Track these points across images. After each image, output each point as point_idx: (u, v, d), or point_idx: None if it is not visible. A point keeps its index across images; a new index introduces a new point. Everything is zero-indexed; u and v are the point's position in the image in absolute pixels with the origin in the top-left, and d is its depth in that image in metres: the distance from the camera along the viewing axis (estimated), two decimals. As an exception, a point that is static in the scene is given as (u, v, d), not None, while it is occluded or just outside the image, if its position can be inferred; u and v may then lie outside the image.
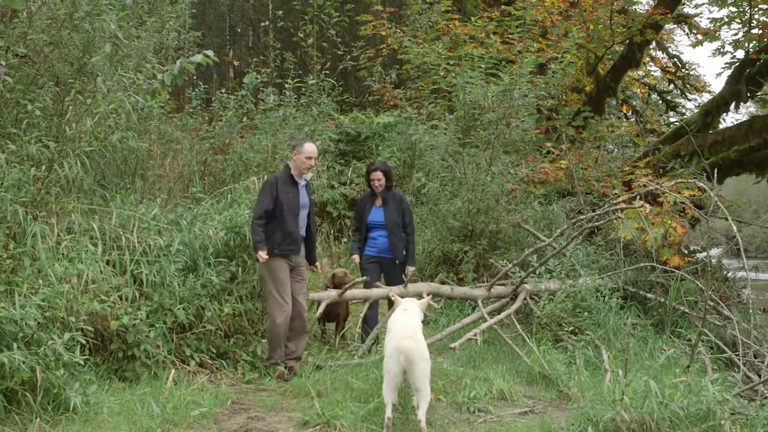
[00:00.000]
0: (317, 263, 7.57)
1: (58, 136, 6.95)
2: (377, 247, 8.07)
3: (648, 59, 18.24)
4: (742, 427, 5.40)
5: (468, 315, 8.37)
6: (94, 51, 7.47)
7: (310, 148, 7.15)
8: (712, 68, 68.09)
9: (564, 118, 13.54)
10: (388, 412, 5.29)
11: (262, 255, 6.78)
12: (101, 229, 6.74)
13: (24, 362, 5.02)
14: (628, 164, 12.72)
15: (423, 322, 8.71)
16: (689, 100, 20.72)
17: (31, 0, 7.27)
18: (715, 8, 13.36)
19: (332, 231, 11.72)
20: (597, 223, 8.71)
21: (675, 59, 20.33)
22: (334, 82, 12.52)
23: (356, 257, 8.18)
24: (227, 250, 7.58)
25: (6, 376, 5.02)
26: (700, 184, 8.21)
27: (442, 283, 8.97)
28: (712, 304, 8.69)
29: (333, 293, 7.66)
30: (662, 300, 9.07)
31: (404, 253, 8.07)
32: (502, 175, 10.01)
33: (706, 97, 19.00)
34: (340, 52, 13.59)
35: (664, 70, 19.93)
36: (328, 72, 12.44)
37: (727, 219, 7.43)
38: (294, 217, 7.01)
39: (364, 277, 7.87)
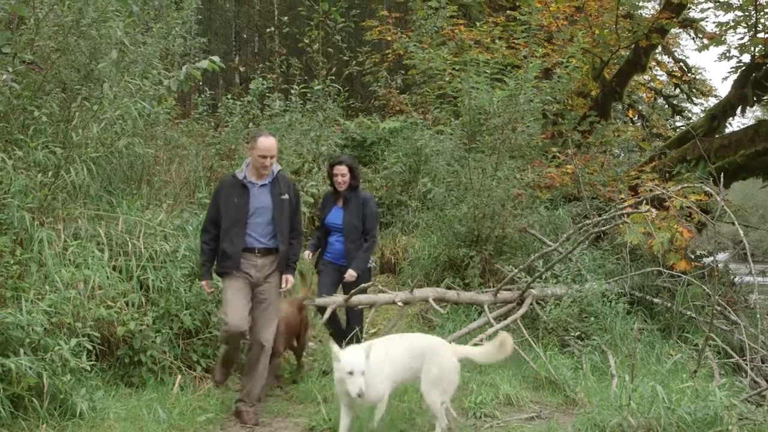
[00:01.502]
0: (283, 278, 6.14)
1: (65, 142, 6.97)
2: (333, 252, 7.31)
3: (654, 63, 18.21)
4: (749, 432, 5.38)
5: (474, 320, 8.36)
6: (101, 57, 7.50)
7: (265, 143, 5.96)
8: (718, 72, 68.08)
9: (570, 123, 13.52)
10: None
11: (204, 286, 6.12)
12: (108, 235, 6.76)
13: (31, 368, 5.03)
14: (634, 169, 12.70)
15: (430, 326, 8.79)
16: (695, 104, 20.68)
17: (38, 7, 7.29)
18: (721, 12, 13.35)
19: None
20: (603, 228, 8.70)
21: (681, 63, 20.29)
22: (340, 88, 12.53)
23: (308, 254, 7.36)
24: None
25: (13, 381, 5.03)
26: (707, 189, 8.19)
27: (448, 288, 8.98)
28: (719, 308, 8.67)
29: (339, 299, 7.08)
30: (669, 305, 9.05)
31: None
32: (508, 180, 10.00)
33: (712, 102, 18.96)
34: (345, 58, 13.60)
35: (670, 74, 19.89)
36: (333, 77, 12.44)
37: (733, 223, 7.41)
38: (237, 226, 5.89)
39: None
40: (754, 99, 13.29)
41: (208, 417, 5.78)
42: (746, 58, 13.10)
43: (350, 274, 7.13)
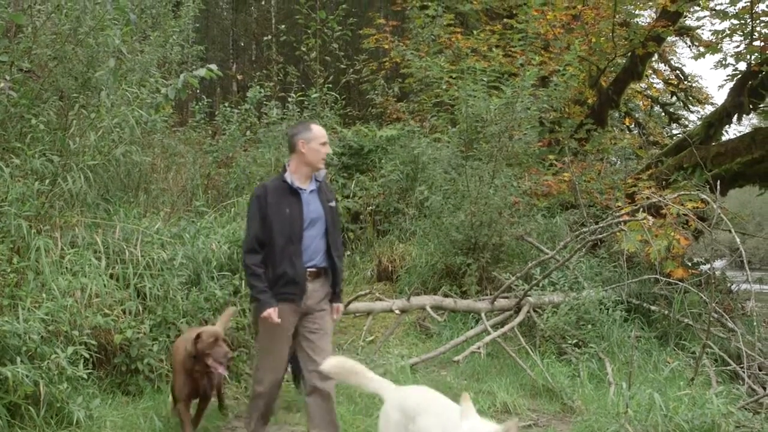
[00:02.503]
0: (334, 307, 5.22)
1: (62, 150, 6.97)
2: None
3: (650, 71, 18.26)
4: (746, 439, 5.39)
5: (471, 328, 8.36)
6: (98, 65, 7.51)
7: (320, 130, 5.08)
8: (714, 80, 68.24)
9: (566, 131, 13.54)
10: None
11: (272, 315, 4.80)
12: (105, 243, 6.75)
13: (27, 376, 5.02)
14: (631, 176, 12.72)
15: (426, 335, 8.79)
16: (692, 112, 20.72)
17: (35, 15, 7.30)
18: (717, 21, 13.38)
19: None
20: (600, 236, 8.72)
21: (677, 71, 20.34)
22: (337, 96, 12.55)
23: None
24: (230, 263, 7.58)
25: (9, 389, 5.02)
26: (703, 196, 8.22)
27: (446, 295, 8.98)
28: (716, 316, 8.68)
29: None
30: (666, 312, 9.06)
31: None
32: (505, 188, 10.01)
33: (708, 109, 18.97)
34: (342, 66, 13.64)
35: (666, 82, 19.95)
36: (331, 85, 12.46)
37: (730, 231, 7.43)
38: (293, 242, 4.88)
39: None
40: (751, 107, 13.31)
41: (204, 425, 5.76)
42: (742, 66, 13.14)
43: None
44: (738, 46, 13.09)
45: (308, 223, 4.94)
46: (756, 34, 12.51)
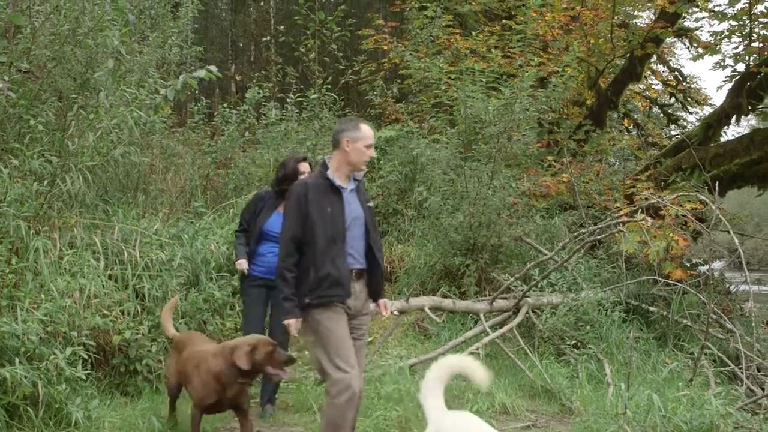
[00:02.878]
0: (382, 303, 5.03)
1: (61, 151, 6.97)
2: (266, 265, 6.10)
3: (649, 73, 18.25)
4: (745, 440, 5.39)
5: (470, 329, 8.36)
6: (97, 66, 7.51)
7: (368, 131, 4.82)
8: (712, 81, 68.30)
9: (565, 132, 13.55)
10: None
11: (294, 326, 4.63)
12: (103, 244, 6.76)
13: (26, 377, 5.02)
14: (629, 177, 12.73)
15: (425, 336, 8.79)
16: (690, 113, 20.74)
17: (34, 16, 7.30)
18: (716, 22, 13.40)
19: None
20: (599, 237, 8.72)
21: (676, 73, 20.36)
22: (336, 97, 12.54)
23: (244, 263, 6.09)
24: (229, 264, 7.58)
25: (8, 390, 5.01)
26: (702, 197, 8.21)
27: (444, 296, 8.98)
28: (714, 317, 8.68)
29: None
30: (665, 313, 9.06)
31: None
32: (503, 189, 10.01)
33: (707, 111, 18.99)
34: (341, 67, 13.61)
35: (665, 83, 19.97)
36: (329, 86, 12.45)
37: (729, 232, 7.44)
38: (336, 242, 4.64)
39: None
40: (749, 108, 13.32)
41: (203, 427, 5.76)
42: (741, 67, 13.15)
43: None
44: (736, 48, 13.11)
45: (350, 222, 4.72)
46: (754, 35, 12.52)
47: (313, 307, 4.61)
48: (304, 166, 6.20)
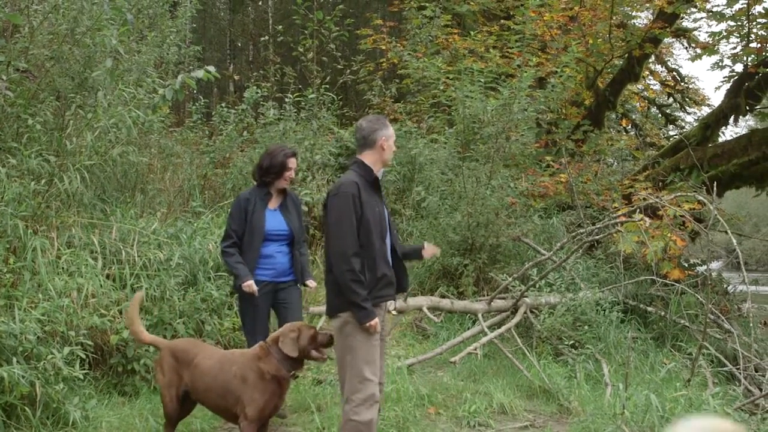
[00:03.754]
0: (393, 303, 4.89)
1: (59, 151, 6.97)
2: (275, 268, 5.82)
3: (647, 73, 18.29)
4: (743, 441, 5.39)
5: (468, 329, 8.36)
6: (95, 66, 7.52)
7: (391, 128, 4.82)
8: (711, 82, 68.38)
9: (563, 132, 13.57)
10: None
11: (375, 327, 4.41)
12: (101, 243, 6.75)
13: (24, 376, 5.01)
14: (627, 177, 12.74)
15: (423, 336, 8.79)
16: (688, 113, 20.79)
17: (32, 15, 7.30)
18: (714, 22, 13.41)
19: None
20: (597, 237, 8.72)
21: (674, 73, 20.39)
22: (334, 96, 12.54)
23: (252, 284, 5.63)
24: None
25: (5, 390, 5.01)
26: (700, 198, 8.22)
27: (442, 296, 8.98)
28: (712, 317, 8.69)
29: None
30: (663, 313, 9.07)
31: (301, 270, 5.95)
32: (501, 189, 10.02)
33: (705, 111, 19.06)
34: (339, 66, 13.62)
35: (663, 83, 19.99)
36: (328, 86, 12.45)
37: (727, 232, 7.45)
38: (384, 242, 4.58)
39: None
40: (747, 108, 13.35)
41: (201, 426, 5.75)
42: (739, 67, 13.18)
43: (312, 283, 6.00)
44: (735, 48, 13.15)
45: (389, 222, 4.70)
46: (752, 35, 12.55)
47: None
48: (293, 162, 5.91)
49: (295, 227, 5.86)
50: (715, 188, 8.17)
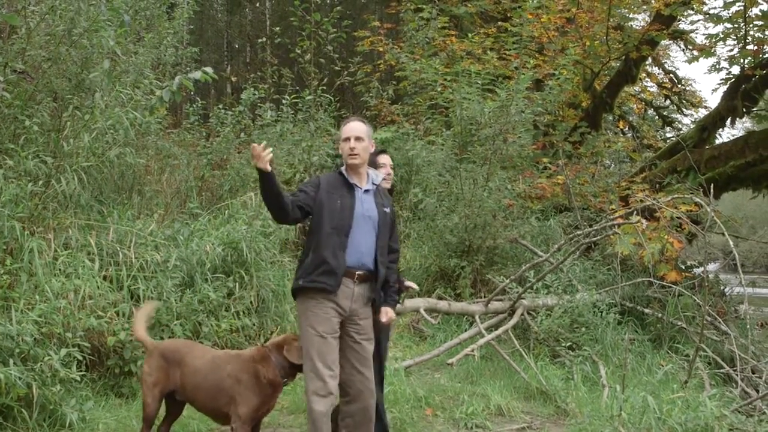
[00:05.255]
0: (383, 309, 4.80)
1: (56, 152, 6.95)
2: None
3: (644, 75, 18.32)
4: (740, 442, 5.40)
5: (465, 331, 8.36)
6: (93, 67, 7.49)
7: (346, 126, 4.87)
8: (707, 84, 68.53)
9: (561, 134, 13.58)
10: None
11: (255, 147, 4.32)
12: (98, 245, 6.73)
13: (20, 378, 5.00)
14: (624, 179, 12.76)
15: (420, 337, 8.79)
16: (685, 115, 20.83)
17: (29, 16, 7.28)
18: (711, 24, 13.43)
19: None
20: (594, 239, 8.73)
21: (671, 75, 20.43)
22: (331, 98, 12.54)
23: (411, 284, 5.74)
24: (224, 265, 7.57)
25: (2, 392, 5.00)
26: (697, 200, 8.22)
27: (440, 298, 8.98)
28: (709, 319, 8.70)
29: None
30: (659, 315, 9.08)
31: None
32: (499, 191, 10.03)
33: (702, 113, 19.10)
34: (337, 68, 13.61)
35: (660, 85, 20.03)
36: (325, 87, 12.44)
37: (723, 234, 7.44)
38: (339, 234, 4.58)
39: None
40: (744, 110, 13.36)
41: (198, 428, 5.75)
42: (736, 69, 13.19)
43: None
44: (731, 50, 13.17)
45: (358, 219, 4.66)
46: (749, 38, 12.56)
47: (303, 291, 4.61)
48: (383, 159, 5.55)
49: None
50: (711, 190, 8.17)
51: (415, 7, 14.54)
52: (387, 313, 4.80)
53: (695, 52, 14.91)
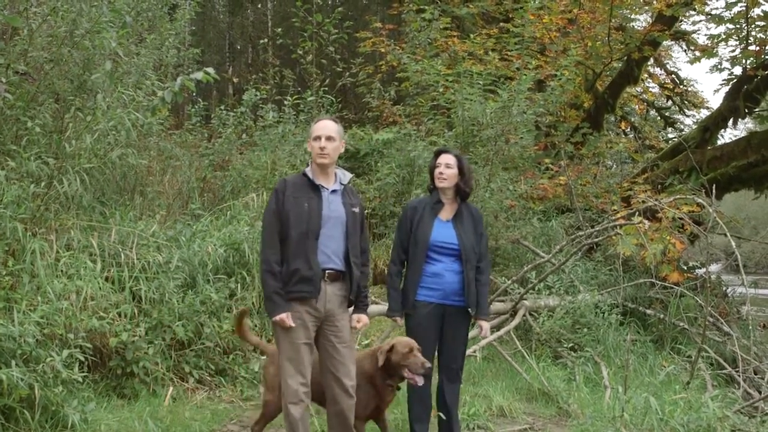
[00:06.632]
0: (355, 317, 4.80)
1: (58, 153, 6.95)
2: (442, 288, 5.16)
3: (646, 75, 18.32)
4: (742, 443, 5.39)
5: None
6: (94, 68, 7.50)
7: (317, 125, 4.79)
8: (709, 84, 68.47)
9: (562, 135, 13.57)
10: None
11: (285, 320, 4.45)
12: (100, 246, 6.74)
13: (22, 379, 5.00)
14: (626, 180, 12.76)
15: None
16: (687, 116, 20.82)
17: (31, 18, 7.29)
18: (713, 25, 13.43)
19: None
20: (596, 240, 8.72)
21: (673, 75, 20.42)
22: (333, 99, 12.53)
23: (399, 319, 5.32)
24: (226, 266, 7.57)
25: (4, 393, 5.00)
26: (699, 200, 8.22)
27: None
28: (711, 320, 8.69)
29: None
30: (662, 316, 9.08)
31: (476, 299, 5.20)
32: (500, 192, 10.03)
33: (704, 113, 19.10)
34: (339, 69, 13.62)
35: (662, 86, 20.02)
36: (327, 88, 12.44)
37: (725, 235, 7.44)
38: (308, 238, 4.52)
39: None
40: (746, 111, 13.38)
41: (200, 429, 5.75)
42: (738, 70, 13.20)
43: (484, 325, 5.40)
44: (733, 51, 13.17)
45: (326, 221, 4.60)
46: (751, 38, 12.57)
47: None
48: (443, 158, 5.29)
49: (466, 243, 5.17)
50: (713, 191, 8.18)
51: (417, 8, 14.53)
52: (360, 320, 4.82)
53: (697, 53, 14.94)
